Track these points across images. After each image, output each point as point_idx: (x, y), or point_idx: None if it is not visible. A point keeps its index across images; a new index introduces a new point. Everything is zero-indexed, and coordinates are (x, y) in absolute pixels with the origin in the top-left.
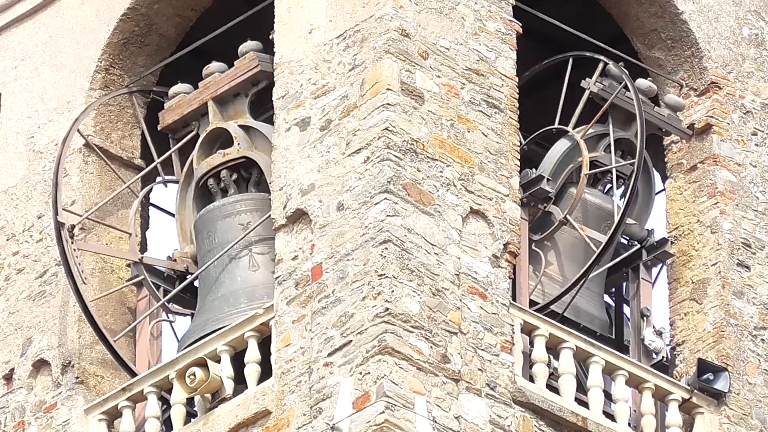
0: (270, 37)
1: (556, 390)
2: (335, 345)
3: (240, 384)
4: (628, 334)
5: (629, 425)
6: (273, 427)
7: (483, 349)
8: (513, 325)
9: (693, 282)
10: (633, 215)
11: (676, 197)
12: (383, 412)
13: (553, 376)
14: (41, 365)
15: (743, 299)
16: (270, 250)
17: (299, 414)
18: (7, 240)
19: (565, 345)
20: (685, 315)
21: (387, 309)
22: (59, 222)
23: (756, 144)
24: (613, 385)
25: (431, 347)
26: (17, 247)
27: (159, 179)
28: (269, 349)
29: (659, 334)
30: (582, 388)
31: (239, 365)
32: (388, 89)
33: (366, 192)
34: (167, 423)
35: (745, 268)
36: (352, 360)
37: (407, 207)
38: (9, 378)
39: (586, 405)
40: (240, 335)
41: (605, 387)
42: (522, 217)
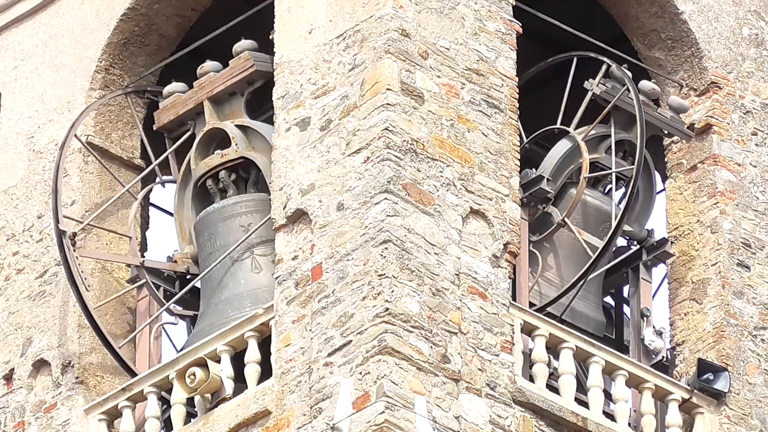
0: (270, 37)
1: (556, 390)
2: (335, 345)
3: (240, 384)
4: (628, 334)
5: (629, 425)
6: (273, 427)
7: (483, 349)
8: (513, 325)
9: (693, 282)
10: (633, 216)
11: (676, 197)
12: (383, 412)
13: (553, 376)
14: (41, 365)
15: (743, 299)
16: (272, 251)
17: (299, 414)
18: (7, 240)
19: (565, 345)
20: (685, 315)
21: (387, 309)
22: (61, 230)
23: (756, 144)
24: (613, 385)
25: (431, 347)
26: (17, 247)
27: (157, 180)
28: (269, 349)
29: (659, 334)
30: (582, 388)
31: (239, 365)
32: (388, 89)
33: (366, 192)
34: (167, 423)
35: (745, 268)
36: (352, 360)
37: (407, 207)
38: (9, 378)
39: (586, 405)
40: (240, 335)
41: (605, 387)
42: (522, 217)
